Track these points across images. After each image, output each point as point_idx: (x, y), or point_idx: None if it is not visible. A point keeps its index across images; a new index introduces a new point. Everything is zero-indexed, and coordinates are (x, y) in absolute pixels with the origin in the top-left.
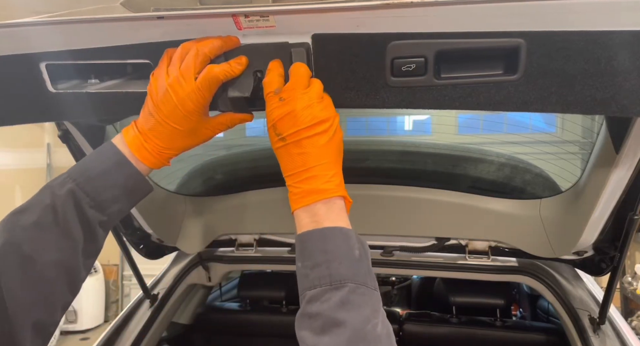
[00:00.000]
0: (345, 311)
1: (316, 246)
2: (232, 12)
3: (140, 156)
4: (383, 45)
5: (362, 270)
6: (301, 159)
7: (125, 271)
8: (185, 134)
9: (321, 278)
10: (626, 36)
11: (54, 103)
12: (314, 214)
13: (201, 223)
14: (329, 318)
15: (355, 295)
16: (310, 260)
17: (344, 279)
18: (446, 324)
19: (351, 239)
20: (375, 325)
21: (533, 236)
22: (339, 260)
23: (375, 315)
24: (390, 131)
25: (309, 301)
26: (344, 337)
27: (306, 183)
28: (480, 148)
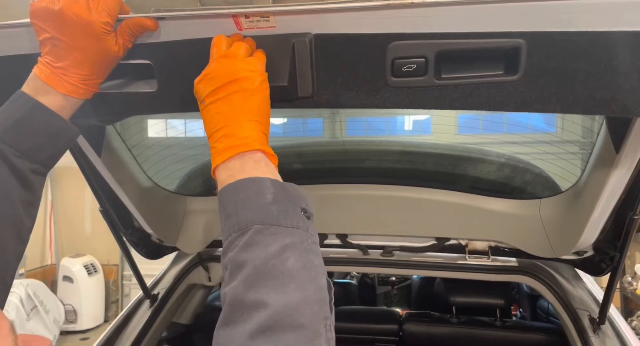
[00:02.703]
0: (247, 252)
1: (229, 199)
2: (232, 13)
3: (65, 90)
4: (383, 46)
5: (275, 211)
6: (218, 119)
7: (125, 271)
8: (98, 53)
9: (231, 227)
10: (626, 36)
11: None
12: (228, 169)
13: (201, 223)
14: (233, 263)
15: (261, 235)
16: (224, 213)
17: (251, 222)
18: (446, 324)
19: (263, 185)
20: (285, 259)
21: (533, 236)
22: (248, 207)
23: (286, 250)
24: (390, 131)
25: (223, 253)
26: (244, 275)
27: (222, 141)
28: (480, 148)
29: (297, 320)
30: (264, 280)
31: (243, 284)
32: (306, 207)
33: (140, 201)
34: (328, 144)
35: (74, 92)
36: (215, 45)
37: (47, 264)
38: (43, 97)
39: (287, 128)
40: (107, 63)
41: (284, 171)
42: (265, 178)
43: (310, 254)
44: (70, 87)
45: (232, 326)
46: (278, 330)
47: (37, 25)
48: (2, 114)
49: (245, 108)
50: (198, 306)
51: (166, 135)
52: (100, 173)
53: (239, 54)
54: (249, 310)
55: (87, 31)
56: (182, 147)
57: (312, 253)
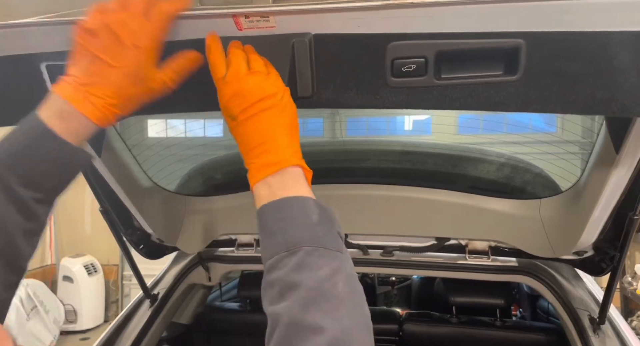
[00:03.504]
0: (299, 273)
1: (271, 217)
2: (232, 13)
3: (86, 111)
4: (383, 46)
5: (320, 233)
6: (253, 136)
7: (125, 271)
8: (137, 83)
9: (277, 246)
10: (626, 36)
11: None
12: (269, 186)
13: (201, 223)
14: (284, 282)
15: (312, 257)
16: (268, 231)
17: (300, 243)
18: (446, 324)
19: (307, 205)
20: (335, 284)
21: (533, 236)
22: (294, 226)
23: (336, 274)
24: (390, 131)
25: (268, 270)
26: (299, 297)
27: (260, 157)
28: (480, 148)
29: None
30: (318, 303)
31: (299, 306)
32: (339, 230)
33: (140, 201)
34: (328, 144)
35: (92, 116)
36: (234, 61)
37: (47, 264)
38: (58, 120)
39: None
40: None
41: None
42: (308, 197)
43: (354, 279)
44: (91, 108)
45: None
46: None
47: (81, 40)
48: (10, 137)
49: (280, 123)
50: (198, 306)
51: (166, 135)
52: (100, 172)
53: (263, 70)
54: (307, 333)
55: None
56: (182, 147)
57: (355, 279)
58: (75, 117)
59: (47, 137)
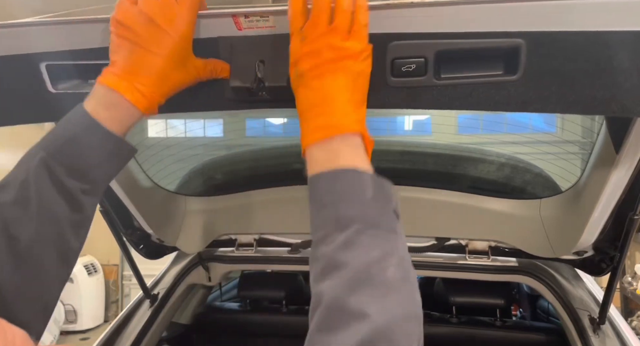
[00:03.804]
0: (347, 252)
1: (324, 187)
2: (231, 13)
3: (132, 98)
4: (383, 46)
5: (375, 211)
6: (317, 95)
7: (125, 271)
8: (176, 68)
9: (327, 220)
10: (626, 36)
11: (54, 103)
12: (326, 151)
13: (201, 223)
14: (330, 259)
15: (363, 235)
16: (319, 202)
17: (352, 220)
18: (446, 324)
19: (363, 178)
20: (385, 268)
21: (533, 236)
22: (347, 201)
23: (387, 258)
24: (390, 131)
25: (315, 244)
26: (344, 279)
27: (320, 117)
28: (480, 148)
29: (396, 338)
30: (365, 287)
31: (343, 287)
32: (396, 208)
33: (140, 201)
34: None
35: (139, 103)
36: (315, 12)
37: None
38: (104, 110)
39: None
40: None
41: (284, 170)
42: (366, 171)
43: (407, 263)
44: (137, 95)
45: (331, 333)
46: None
47: (117, 30)
48: (58, 129)
49: (349, 85)
50: (198, 306)
51: (166, 135)
52: None
53: (344, 28)
54: (349, 318)
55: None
56: (182, 147)
57: (409, 262)
58: (121, 107)
59: (93, 129)
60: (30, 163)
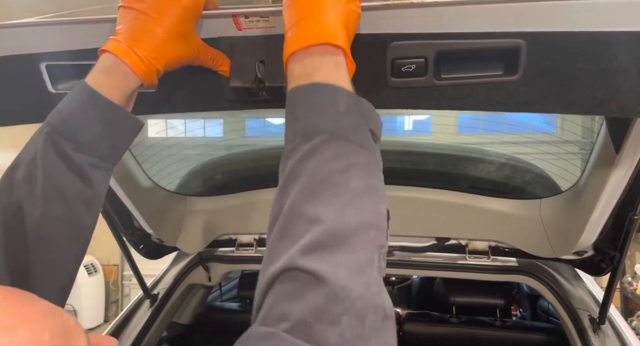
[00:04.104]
0: (310, 161)
1: (298, 100)
2: (231, 13)
3: (130, 61)
4: (383, 46)
5: (346, 125)
6: (305, 9)
7: (125, 271)
8: (177, 38)
9: (296, 132)
10: (626, 36)
11: (54, 104)
12: (305, 65)
13: (201, 223)
14: (293, 168)
15: (328, 147)
16: (291, 115)
17: (320, 131)
18: (446, 324)
19: (338, 93)
20: (349, 179)
21: (533, 236)
22: (318, 113)
23: (351, 169)
24: (390, 131)
25: (283, 157)
26: (305, 186)
27: (304, 27)
28: (480, 148)
29: (352, 243)
30: (324, 195)
31: (302, 194)
32: (374, 129)
33: (140, 201)
34: None
35: (136, 68)
36: None
37: None
38: (104, 77)
39: None
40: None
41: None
42: (342, 87)
43: (375, 179)
44: (135, 58)
45: (287, 238)
46: (330, 249)
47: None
48: (61, 104)
49: (337, 9)
50: (198, 306)
51: (166, 135)
52: None
53: None
54: (304, 223)
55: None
56: (182, 147)
57: (376, 178)
58: (119, 71)
59: (94, 99)
60: (37, 140)
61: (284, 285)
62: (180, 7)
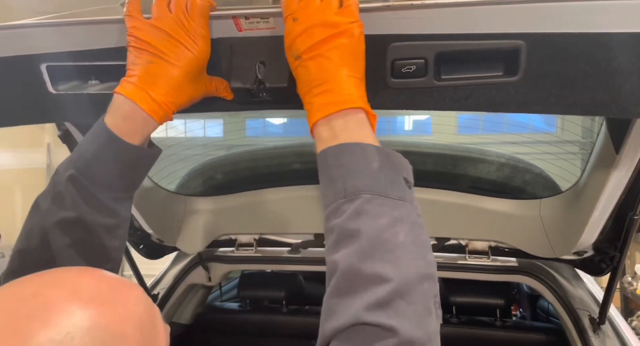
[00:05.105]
0: (358, 221)
1: (332, 162)
2: (232, 14)
3: (148, 108)
4: (383, 47)
5: (382, 180)
6: (317, 74)
7: (125, 271)
8: (192, 80)
9: (336, 193)
10: (626, 38)
11: (54, 104)
12: (331, 127)
13: (201, 223)
14: (342, 230)
15: (371, 204)
16: (327, 177)
17: (359, 190)
18: (446, 324)
19: (369, 151)
20: (396, 233)
21: (533, 236)
22: (355, 173)
23: (397, 224)
24: (390, 131)
25: (327, 217)
26: (358, 246)
27: (323, 96)
28: (480, 148)
29: (411, 296)
30: (378, 253)
31: (357, 254)
32: (407, 176)
33: (140, 201)
34: None
35: (154, 113)
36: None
37: None
38: (122, 121)
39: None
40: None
41: (284, 170)
42: (369, 144)
43: (418, 228)
44: (153, 105)
45: (348, 296)
46: (393, 305)
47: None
48: (81, 145)
49: (346, 63)
50: (198, 306)
51: (166, 135)
52: None
53: (334, 4)
54: (365, 282)
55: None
56: (182, 147)
57: (420, 227)
58: (138, 117)
59: (113, 143)
60: (61, 177)
61: (352, 339)
62: (195, 51)
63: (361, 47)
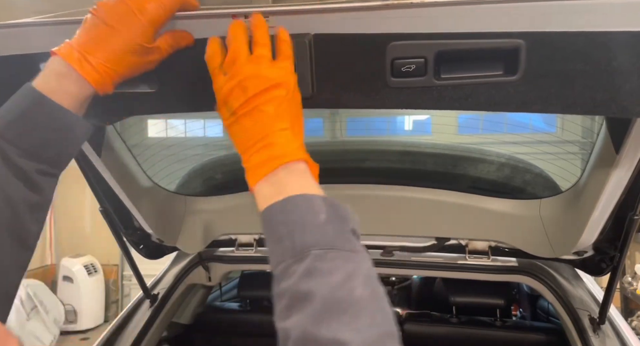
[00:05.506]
0: (310, 281)
1: (277, 220)
2: (231, 13)
3: (82, 70)
4: (383, 46)
5: (330, 233)
6: (252, 131)
7: (125, 271)
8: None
9: (284, 252)
10: (626, 37)
11: None
12: (272, 184)
13: (201, 223)
14: (293, 293)
15: (323, 261)
16: (274, 235)
17: (308, 247)
18: (446, 324)
19: (314, 203)
20: (352, 289)
21: (533, 236)
22: (301, 229)
23: (351, 279)
24: (390, 131)
25: (276, 280)
26: (311, 310)
27: (260, 153)
28: (480, 148)
29: None
30: (335, 314)
31: (311, 319)
32: (355, 227)
33: (140, 201)
34: (328, 144)
35: (89, 76)
36: (234, 46)
37: (47, 264)
38: (55, 81)
39: None
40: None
41: None
42: (315, 195)
43: (374, 280)
44: (88, 68)
45: None
46: None
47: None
48: (5, 107)
49: (283, 116)
50: (198, 306)
51: (166, 135)
52: (100, 172)
53: (268, 56)
54: None
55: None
56: (182, 147)
57: (375, 279)
58: (72, 78)
59: (41, 102)
60: None
61: None
62: (143, 21)
63: (297, 97)
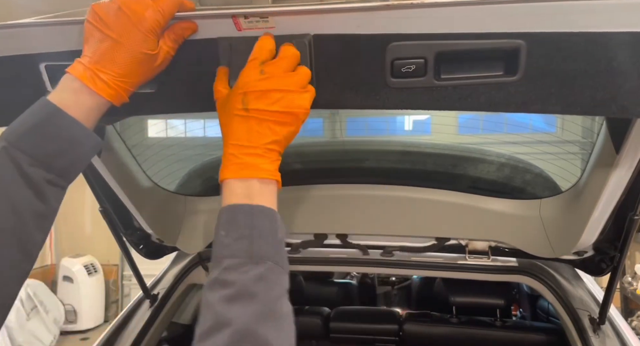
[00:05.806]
0: (261, 286)
1: (244, 220)
2: (231, 13)
3: (96, 88)
4: (383, 46)
5: (281, 252)
6: (254, 134)
7: (125, 271)
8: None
9: (241, 250)
10: (626, 37)
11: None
12: (248, 187)
13: (201, 223)
14: (244, 288)
15: (272, 273)
16: (237, 232)
17: (265, 257)
18: (446, 324)
19: (277, 221)
20: (282, 304)
21: (533, 236)
22: (264, 238)
23: (283, 295)
24: (390, 131)
25: (226, 269)
26: (255, 309)
27: (250, 157)
28: (480, 148)
29: None
30: (270, 320)
31: (254, 318)
32: None
33: (140, 201)
34: (328, 144)
35: (102, 92)
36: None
37: (47, 264)
38: (69, 98)
39: None
40: (145, 67)
41: (285, 171)
42: (277, 213)
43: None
44: (101, 85)
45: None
46: None
47: (91, 24)
48: (20, 119)
49: (283, 137)
50: (198, 306)
51: (166, 135)
52: (100, 173)
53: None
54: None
55: (136, 27)
56: (182, 147)
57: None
58: (86, 94)
59: (55, 115)
60: None
61: None
62: (143, 30)
63: (297, 131)
